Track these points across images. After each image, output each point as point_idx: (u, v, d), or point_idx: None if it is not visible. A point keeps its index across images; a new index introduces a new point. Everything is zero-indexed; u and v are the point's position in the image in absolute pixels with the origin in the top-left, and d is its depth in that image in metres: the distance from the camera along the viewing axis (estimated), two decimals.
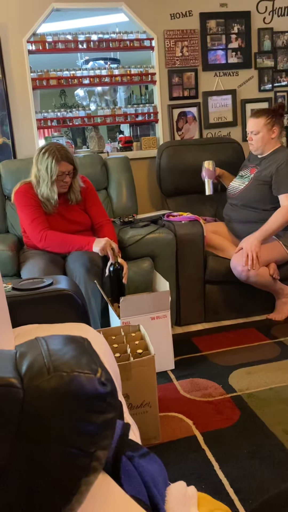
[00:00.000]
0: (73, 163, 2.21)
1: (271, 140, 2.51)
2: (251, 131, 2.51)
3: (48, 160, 2.14)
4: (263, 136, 2.49)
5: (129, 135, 3.54)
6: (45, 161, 2.14)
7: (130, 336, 1.74)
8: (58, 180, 2.18)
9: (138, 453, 0.73)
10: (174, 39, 3.11)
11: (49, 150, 2.15)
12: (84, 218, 2.37)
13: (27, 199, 2.23)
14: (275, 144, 2.54)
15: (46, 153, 2.15)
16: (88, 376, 0.49)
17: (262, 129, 2.48)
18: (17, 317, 1.13)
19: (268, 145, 2.53)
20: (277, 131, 2.50)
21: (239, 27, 3.23)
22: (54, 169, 2.13)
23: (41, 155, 2.17)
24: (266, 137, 2.49)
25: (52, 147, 2.18)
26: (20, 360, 0.50)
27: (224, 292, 2.57)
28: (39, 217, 2.21)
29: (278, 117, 2.50)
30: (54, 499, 0.47)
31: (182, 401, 1.81)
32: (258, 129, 2.48)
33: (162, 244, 2.37)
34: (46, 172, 2.15)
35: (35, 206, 2.23)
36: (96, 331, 1.21)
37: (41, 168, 2.17)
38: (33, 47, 2.92)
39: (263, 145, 2.52)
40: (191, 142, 3.11)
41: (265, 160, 2.54)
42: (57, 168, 2.13)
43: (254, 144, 2.53)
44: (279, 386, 1.85)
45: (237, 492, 1.30)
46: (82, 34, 3.01)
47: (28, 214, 2.22)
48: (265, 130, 2.48)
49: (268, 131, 2.49)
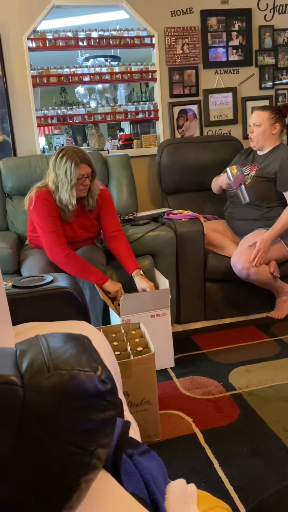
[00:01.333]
0: (92, 166, 2.14)
1: (271, 136, 2.52)
2: (254, 123, 2.52)
3: (67, 164, 2.06)
4: (264, 130, 2.50)
5: (129, 132, 3.53)
6: (63, 165, 2.07)
7: (130, 334, 1.75)
8: (77, 184, 2.10)
9: (138, 451, 0.73)
10: (174, 36, 3.11)
11: (67, 154, 2.08)
12: (94, 226, 2.31)
13: (49, 209, 2.13)
14: (275, 141, 2.55)
15: (64, 157, 2.08)
16: (88, 374, 0.49)
17: (265, 122, 2.49)
18: (17, 315, 1.13)
19: (269, 141, 2.53)
20: (278, 128, 2.52)
21: (240, 24, 3.22)
22: (74, 173, 2.06)
23: (58, 160, 2.09)
24: (268, 131, 2.50)
25: (69, 150, 2.11)
26: (21, 358, 0.50)
27: (224, 290, 2.57)
28: (59, 230, 2.13)
29: (282, 116, 2.53)
30: (54, 496, 0.47)
31: (182, 399, 1.81)
32: (261, 122, 2.49)
33: (163, 242, 2.37)
34: (65, 177, 2.07)
35: (56, 217, 2.13)
36: (96, 329, 1.21)
37: (59, 173, 2.09)
38: (33, 44, 2.92)
39: (263, 139, 2.52)
40: (191, 140, 3.10)
41: (267, 157, 2.53)
42: (77, 172, 2.07)
43: (253, 137, 2.53)
44: (279, 384, 1.85)
45: (237, 489, 1.30)
46: (82, 31, 3.00)
47: (50, 223, 2.12)
48: (267, 124, 2.49)
49: (270, 126, 2.50)
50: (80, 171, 2.07)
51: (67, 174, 2.06)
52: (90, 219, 2.29)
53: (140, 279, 2.14)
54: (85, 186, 2.14)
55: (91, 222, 2.30)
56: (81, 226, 2.27)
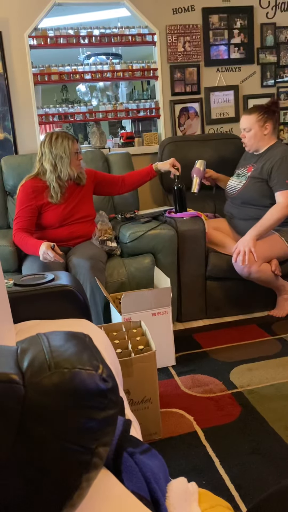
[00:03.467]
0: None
1: (264, 137, 2.48)
2: (244, 128, 2.49)
3: (64, 142, 2.27)
4: (255, 133, 2.47)
5: (130, 130, 3.54)
6: (60, 144, 2.27)
7: (132, 332, 1.75)
8: (74, 159, 2.30)
9: (139, 449, 0.73)
10: (176, 34, 3.10)
11: (60, 135, 2.29)
12: (89, 206, 2.45)
13: (25, 194, 2.31)
14: (269, 141, 2.51)
15: (58, 138, 2.28)
16: (89, 372, 0.49)
17: (254, 125, 2.45)
18: (18, 313, 1.13)
19: (262, 142, 2.50)
20: (269, 127, 2.47)
21: (242, 22, 3.21)
22: (72, 148, 2.28)
23: (54, 141, 2.28)
24: (259, 134, 2.47)
25: (59, 132, 2.32)
26: (22, 356, 0.50)
27: (226, 289, 2.57)
28: (22, 216, 2.28)
29: (271, 114, 2.47)
30: (55, 495, 0.47)
31: (183, 397, 1.81)
32: (250, 126, 2.46)
33: (164, 240, 2.37)
34: (64, 153, 2.27)
35: (29, 206, 2.29)
36: (97, 327, 1.21)
37: (57, 152, 2.27)
38: (35, 42, 2.91)
39: (256, 142, 2.50)
40: (193, 138, 3.09)
41: (262, 157, 2.52)
42: (74, 147, 2.29)
43: (247, 142, 2.52)
44: (280, 382, 1.85)
45: (238, 488, 1.30)
46: (84, 29, 2.99)
47: (17, 209, 2.30)
48: (257, 127, 2.46)
49: (261, 128, 2.46)
50: (75, 146, 2.31)
51: (66, 151, 2.27)
52: (86, 201, 2.44)
53: (161, 164, 2.53)
54: (79, 160, 2.36)
55: (87, 203, 2.45)
56: (76, 203, 2.38)
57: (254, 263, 2.30)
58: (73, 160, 2.29)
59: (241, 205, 2.57)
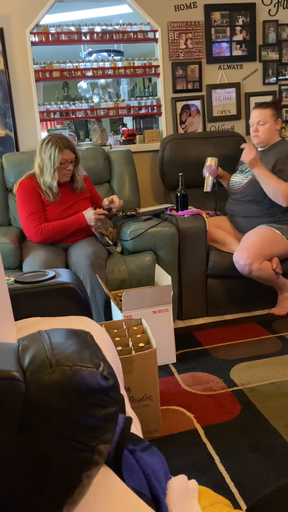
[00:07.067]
0: (75, 152, 2.32)
1: (275, 132, 2.55)
2: (258, 121, 2.51)
3: (51, 149, 2.24)
4: (270, 127, 2.50)
5: (132, 128, 3.53)
6: (48, 150, 2.24)
7: (132, 329, 1.75)
8: (61, 168, 2.27)
9: (140, 446, 0.73)
10: (178, 31, 3.09)
11: (52, 140, 2.25)
12: (88, 204, 2.44)
13: (28, 192, 2.30)
14: (276, 137, 2.56)
15: (49, 143, 2.25)
16: (90, 370, 0.49)
17: (270, 119, 2.50)
18: (19, 310, 1.13)
19: (273, 137, 2.55)
20: (280, 123, 2.55)
21: (244, 19, 3.20)
22: (57, 157, 2.23)
23: (44, 145, 2.27)
24: (273, 128, 2.52)
25: (54, 137, 2.28)
26: (23, 354, 0.50)
27: (226, 287, 2.57)
28: (36, 212, 2.28)
29: (279, 111, 2.56)
30: (56, 492, 0.47)
31: (183, 394, 1.81)
32: (266, 119, 2.49)
33: (165, 238, 2.37)
34: (49, 160, 2.24)
35: (34, 199, 2.30)
36: (98, 325, 1.21)
37: (44, 157, 2.26)
38: (36, 39, 2.90)
39: (269, 136, 2.52)
40: (194, 136, 3.09)
41: (267, 153, 2.53)
42: (60, 156, 2.24)
43: (260, 136, 2.52)
44: (281, 380, 1.85)
45: (238, 485, 1.30)
46: (85, 25, 2.98)
47: (26, 208, 2.29)
48: (272, 121, 2.51)
49: (274, 122, 2.52)
50: (63, 156, 2.25)
51: (51, 158, 2.24)
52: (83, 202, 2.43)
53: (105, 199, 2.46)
54: (69, 171, 2.32)
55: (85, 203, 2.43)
56: (74, 201, 2.39)
57: (255, 259, 2.30)
58: (58, 169, 2.27)
59: (244, 202, 2.57)
